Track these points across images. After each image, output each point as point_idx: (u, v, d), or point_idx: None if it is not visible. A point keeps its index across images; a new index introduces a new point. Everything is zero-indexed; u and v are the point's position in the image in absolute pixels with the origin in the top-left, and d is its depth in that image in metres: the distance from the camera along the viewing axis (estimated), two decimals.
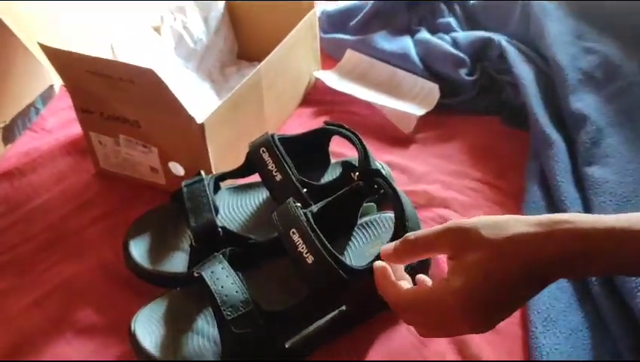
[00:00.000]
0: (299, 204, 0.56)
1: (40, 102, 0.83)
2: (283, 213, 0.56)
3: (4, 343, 0.57)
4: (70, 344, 0.57)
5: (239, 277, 0.54)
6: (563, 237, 0.42)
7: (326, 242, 0.53)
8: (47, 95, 0.84)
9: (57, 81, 0.86)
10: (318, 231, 0.53)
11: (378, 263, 0.49)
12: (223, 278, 0.53)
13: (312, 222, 0.54)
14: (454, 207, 0.72)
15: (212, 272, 0.54)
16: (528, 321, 0.58)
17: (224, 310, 0.52)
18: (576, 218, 0.43)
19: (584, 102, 0.75)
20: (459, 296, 0.43)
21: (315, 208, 0.57)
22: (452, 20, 0.94)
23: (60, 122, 0.83)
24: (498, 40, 0.85)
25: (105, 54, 0.63)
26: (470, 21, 0.95)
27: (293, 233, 0.54)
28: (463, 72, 0.86)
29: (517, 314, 0.60)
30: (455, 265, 0.44)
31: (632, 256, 0.42)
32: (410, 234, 0.47)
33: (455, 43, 0.89)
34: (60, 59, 0.64)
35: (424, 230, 0.47)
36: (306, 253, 0.53)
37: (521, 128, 0.81)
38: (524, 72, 0.81)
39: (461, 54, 0.86)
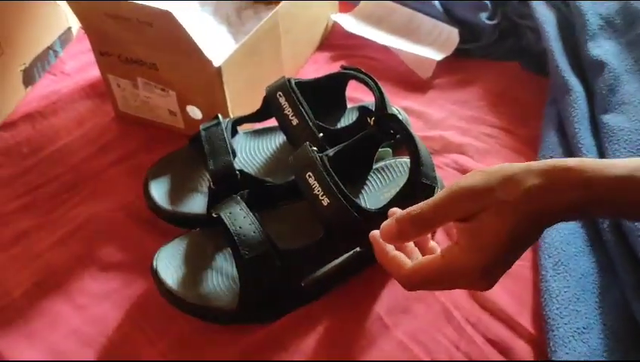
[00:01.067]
0: (315, 148, 0.57)
1: (58, 45, 0.83)
2: (299, 156, 0.57)
3: (31, 278, 0.60)
4: (95, 280, 0.60)
5: (256, 218, 0.55)
6: (566, 186, 0.41)
7: (341, 185, 0.54)
8: (65, 38, 0.84)
9: (75, 24, 0.86)
10: (334, 174, 0.54)
11: (375, 236, 0.47)
12: (240, 219, 0.55)
13: (328, 165, 0.55)
14: (470, 153, 0.72)
15: (230, 213, 0.55)
16: (539, 265, 0.59)
17: (242, 249, 0.53)
18: (581, 165, 0.42)
19: (603, 49, 0.73)
20: (478, 261, 0.42)
21: (330, 152, 0.58)
22: None
23: (79, 65, 0.83)
24: None
25: None
26: None
27: (309, 176, 0.55)
28: (483, 15, 0.84)
29: (528, 257, 0.61)
30: (468, 229, 0.42)
31: (633, 204, 0.41)
32: (415, 209, 0.43)
33: None
34: (78, 0, 0.64)
35: (426, 202, 0.43)
36: (322, 196, 0.54)
37: (542, 74, 0.80)
38: (546, 16, 0.79)
39: None
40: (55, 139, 0.74)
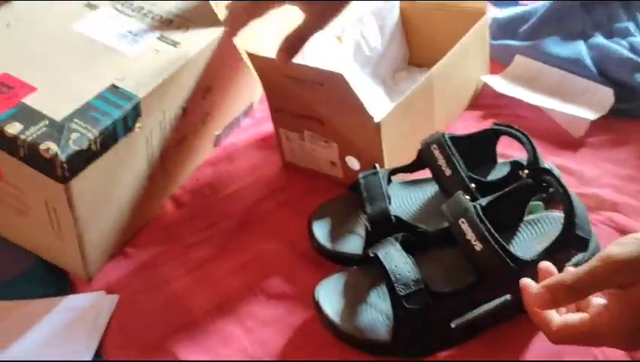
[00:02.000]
0: (468, 197, 0.61)
1: (242, 115, 0.94)
2: (453, 203, 0.61)
3: (211, 302, 0.68)
4: (263, 306, 0.67)
5: (411, 260, 0.60)
6: None
7: (493, 231, 0.57)
8: (248, 109, 0.96)
9: (256, 98, 0.98)
10: (486, 221, 0.57)
11: (525, 284, 0.49)
12: (396, 258, 0.59)
13: (481, 212, 0.58)
14: (626, 211, 0.71)
15: (386, 253, 0.60)
16: None
17: (397, 286, 0.57)
18: None
19: None
20: (626, 329, 0.44)
21: (483, 201, 0.61)
22: (630, 25, 0.91)
23: (253, 122, 0.95)
24: None
25: (296, 60, 0.73)
26: None
27: (462, 222, 0.58)
28: (639, 76, 0.83)
29: None
30: (620, 297, 0.44)
31: None
32: (567, 278, 0.46)
33: (632, 47, 0.87)
34: (263, 65, 0.75)
35: (578, 271, 0.46)
36: (475, 241, 0.57)
37: None
38: None
39: (639, 59, 0.84)
40: (231, 184, 0.85)
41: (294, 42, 0.67)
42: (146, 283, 0.72)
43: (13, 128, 0.63)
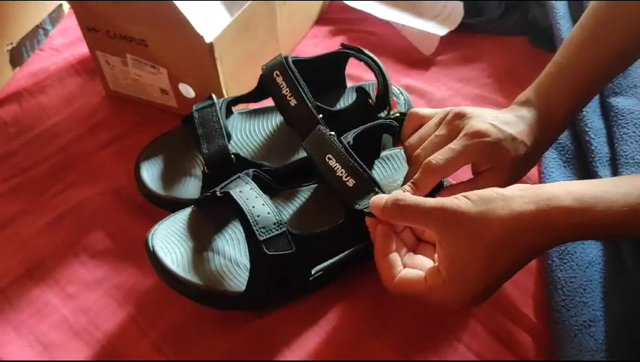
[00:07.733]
0: (333, 133, 0.54)
1: (49, 23, 0.79)
2: (315, 139, 0.54)
3: (20, 266, 0.58)
4: (85, 266, 0.58)
5: (269, 199, 0.52)
6: (556, 219, 0.42)
7: (364, 165, 0.51)
8: (56, 15, 0.80)
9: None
10: (355, 156, 0.52)
11: (382, 232, 0.48)
12: (252, 198, 0.52)
13: (348, 147, 0.52)
14: None
15: (240, 192, 0.52)
16: (545, 254, 0.57)
17: (257, 230, 0.50)
18: (567, 195, 0.42)
19: None
20: (459, 299, 0.44)
21: (350, 138, 0.55)
22: None
23: (69, 41, 0.80)
24: None
25: None
26: None
27: (330, 158, 0.52)
28: None
29: None
30: (448, 261, 0.43)
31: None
32: (402, 198, 0.45)
33: None
34: None
35: (417, 199, 0.44)
36: (346, 177, 0.51)
37: (550, 49, 0.77)
38: None
39: None
40: (43, 119, 0.72)
41: None
42: None
43: None
